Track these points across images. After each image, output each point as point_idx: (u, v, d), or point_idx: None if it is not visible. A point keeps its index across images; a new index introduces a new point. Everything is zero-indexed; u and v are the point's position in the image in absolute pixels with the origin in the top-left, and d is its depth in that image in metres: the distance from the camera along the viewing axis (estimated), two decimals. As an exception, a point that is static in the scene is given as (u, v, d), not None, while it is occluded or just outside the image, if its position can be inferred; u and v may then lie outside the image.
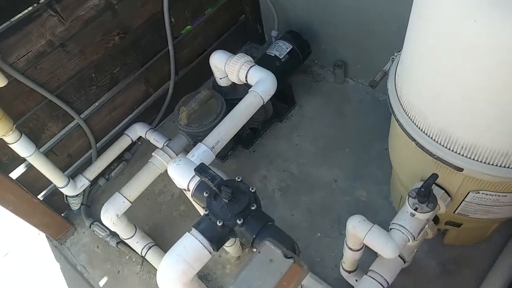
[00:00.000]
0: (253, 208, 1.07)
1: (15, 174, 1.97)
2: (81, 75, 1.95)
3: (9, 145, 1.70)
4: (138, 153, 2.49)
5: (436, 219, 1.72)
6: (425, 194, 1.29)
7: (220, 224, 1.04)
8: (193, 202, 1.46)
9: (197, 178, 1.17)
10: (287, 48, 2.22)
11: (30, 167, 1.98)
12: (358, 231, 1.41)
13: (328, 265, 2.00)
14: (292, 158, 2.35)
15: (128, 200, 1.90)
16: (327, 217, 2.13)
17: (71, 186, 2.07)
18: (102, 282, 2.13)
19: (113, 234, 2.16)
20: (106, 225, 1.91)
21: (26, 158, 1.80)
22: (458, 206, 1.52)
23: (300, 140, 2.41)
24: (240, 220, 1.04)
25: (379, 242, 1.36)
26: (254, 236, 1.07)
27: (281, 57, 2.20)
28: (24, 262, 2.27)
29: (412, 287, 1.85)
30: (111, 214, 1.87)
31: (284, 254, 0.85)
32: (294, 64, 2.29)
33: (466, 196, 1.44)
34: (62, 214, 2.33)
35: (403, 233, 1.36)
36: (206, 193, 1.10)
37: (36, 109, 1.87)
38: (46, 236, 2.32)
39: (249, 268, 0.84)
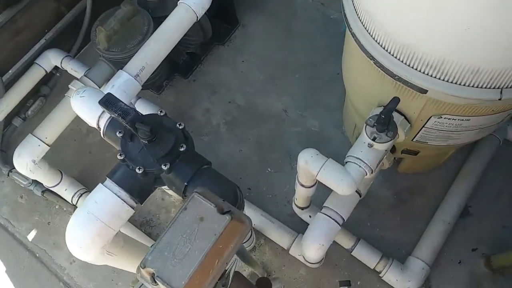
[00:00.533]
0: (182, 149, 0.84)
1: None
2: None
3: None
4: (58, 87, 2.14)
5: (392, 148, 1.59)
6: (385, 122, 1.13)
7: (140, 172, 0.82)
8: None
9: (106, 118, 0.92)
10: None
11: None
12: (311, 166, 1.24)
13: (280, 202, 1.87)
14: (237, 87, 2.11)
15: (45, 143, 1.61)
16: (277, 150, 1.97)
17: (-25, 130, 1.74)
18: (31, 236, 1.89)
19: (37, 182, 1.89)
20: (22, 173, 1.64)
21: None
22: (417, 133, 1.39)
23: (245, 66, 2.15)
24: (165, 165, 0.82)
25: (334, 178, 1.21)
26: (185, 183, 0.86)
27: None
28: None
29: (366, 219, 1.78)
30: (26, 160, 1.59)
31: (219, 208, 0.65)
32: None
33: (427, 121, 1.29)
34: (-26, 162, 2.00)
35: (360, 166, 1.21)
36: (120, 132, 0.86)
37: None
38: (-43, 188, 2.00)
39: (172, 231, 0.64)
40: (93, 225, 0.81)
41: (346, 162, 1.25)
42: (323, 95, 2.05)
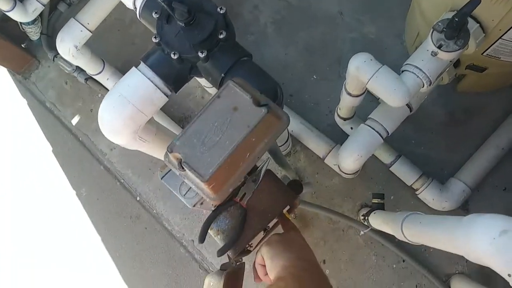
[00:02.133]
0: (221, 36, 0.76)
1: None
2: None
3: None
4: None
5: (456, 63, 1.43)
6: (457, 27, 0.98)
7: (175, 58, 0.76)
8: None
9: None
10: None
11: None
12: (362, 73, 1.13)
13: (322, 111, 1.79)
14: (290, -18, 1.92)
15: (87, 29, 1.57)
16: (326, 56, 1.83)
17: (20, 9, 1.70)
18: (75, 121, 1.96)
19: (81, 70, 1.90)
20: (65, 58, 1.63)
21: None
22: (491, 46, 1.21)
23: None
24: (202, 52, 0.75)
25: (386, 87, 1.10)
26: (223, 74, 0.79)
27: None
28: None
29: (412, 136, 1.68)
30: (68, 45, 1.57)
31: (255, 100, 0.58)
32: None
33: (506, 32, 1.12)
34: (22, 45, 2.02)
35: (418, 76, 1.09)
36: (156, 13, 0.78)
37: None
38: (8, 71, 2.05)
39: (203, 118, 0.59)
40: (125, 109, 0.78)
41: (402, 71, 1.12)
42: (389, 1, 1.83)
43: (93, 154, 1.91)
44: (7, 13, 1.69)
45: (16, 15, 1.72)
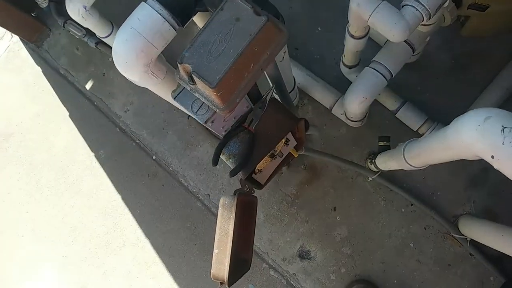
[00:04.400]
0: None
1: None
2: None
3: None
4: None
5: (459, 2, 1.43)
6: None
7: (180, -12, 0.80)
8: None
9: None
10: None
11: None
12: (363, 9, 1.15)
13: (327, 63, 1.81)
14: None
15: (94, -11, 1.61)
16: (330, 9, 1.84)
17: (28, -24, 1.75)
18: (88, 85, 2.02)
19: (91, 34, 1.94)
20: (74, 19, 1.67)
21: None
22: (491, -21, 1.22)
23: None
24: (206, -18, 0.79)
25: (386, 21, 1.13)
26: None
27: None
28: (2, 68, 2.12)
29: (417, 83, 1.70)
30: (78, 5, 1.61)
31: (255, 10, 0.63)
32: None
33: (505, -39, 1.12)
34: (32, 14, 2.07)
35: (417, 9, 1.11)
36: None
37: None
38: (21, 39, 2.11)
39: (209, 30, 0.63)
40: (137, 41, 0.82)
41: (402, 6, 1.14)
42: None
43: (108, 117, 1.98)
44: (16, -20, 1.74)
45: (25, -18, 1.77)
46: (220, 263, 0.84)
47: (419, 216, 1.66)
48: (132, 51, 0.83)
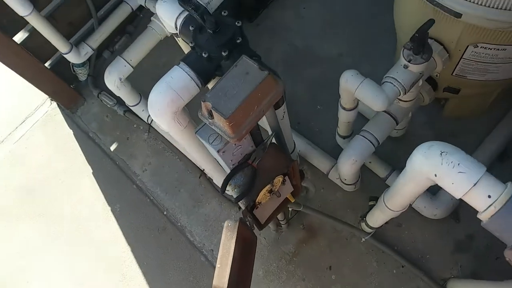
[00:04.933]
0: (238, 41, 1.06)
1: (18, 39, 2.00)
2: None
3: (7, 2, 1.69)
4: (141, 27, 2.45)
5: (434, 85, 1.70)
6: (420, 41, 1.26)
7: (205, 56, 1.06)
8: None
9: (184, 14, 1.16)
10: None
11: (32, 32, 2.00)
12: (350, 84, 1.42)
13: (325, 136, 2.06)
14: (297, 31, 2.29)
15: (129, 64, 1.93)
16: (329, 90, 2.12)
17: (75, 53, 2.10)
18: (113, 147, 2.27)
19: (121, 103, 2.25)
20: (110, 89, 1.97)
21: (26, 18, 1.80)
22: (456, 66, 1.50)
23: (306, 12, 2.32)
24: (225, 52, 1.05)
25: (370, 94, 1.38)
26: (239, 70, 1.08)
27: None
28: (39, 129, 2.40)
29: (403, 155, 1.89)
30: (115, 77, 1.92)
31: (260, 67, 0.87)
32: None
33: (464, 51, 1.40)
34: (71, 86, 2.40)
35: (394, 85, 1.36)
36: (192, 26, 1.10)
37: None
38: (58, 106, 2.42)
39: (225, 79, 0.87)
40: (169, 92, 1.06)
41: (382, 83, 1.40)
42: (378, 43, 2.16)
43: (127, 175, 2.19)
44: (64, 55, 2.09)
45: (71, 57, 2.11)
46: (221, 276, 0.99)
47: (410, 278, 1.76)
48: (164, 100, 1.07)
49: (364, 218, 1.67)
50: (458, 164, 0.75)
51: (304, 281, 1.82)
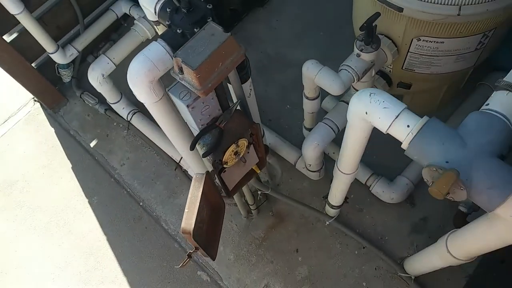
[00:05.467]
0: (209, 20, 1.23)
1: (7, 38, 2.13)
2: None
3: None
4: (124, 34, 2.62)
5: (389, 81, 1.90)
6: (368, 30, 1.45)
7: (179, 32, 1.21)
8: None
9: (161, 1, 1.33)
10: None
11: (22, 33, 2.14)
12: (310, 72, 1.59)
13: (294, 132, 2.22)
14: (269, 41, 2.50)
15: (112, 62, 2.07)
16: (297, 91, 2.30)
17: (61, 53, 2.23)
18: (93, 143, 2.37)
19: (102, 102, 2.37)
20: (93, 84, 2.10)
21: (16, 16, 1.93)
22: (405, 60, 1.70)
23: (278, 24, 2.54)
24: (197, 29, 1.21)
25: (327, 79, 1.55)
26: (209, 45, 1.24)
27: None
28: (22, 127, 2.49)
29: (366, 148, 2.08)
30: (97, 73, 2.06)
31: (223, 30, 1.03)
32: None
33: (410, 45, 1.60)
34: (55, 87, 2.52)
35: (349, 72, 1.54)
36: (169, 8, 1.26)
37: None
38: (41, 105, 2.53)
39: (194, 40, 1.02)
40: (146, 64, 1.20)
41: (339, 70, 1.58)
42: (343, 50, 2.37)
43: (106, 169, 2.28)
44: (51, 55, 2.22)
45: (57, 57, 2.24)
46: (189, 218, 1.11)
47: (371, 258, 1.89)
48: (142, 69, 1.21)
49: (326, 199, 1.81)
50: (383, 101, 0.90)
51: (272, 264, 1.93)
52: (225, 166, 1.27)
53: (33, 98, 2.55)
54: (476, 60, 1.71)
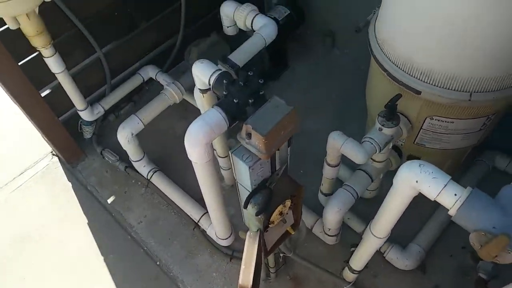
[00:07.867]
0: (261, 93, 1.40)
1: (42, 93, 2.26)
2: (107, 10, 2.26)
3: (45, 59, 1.97)
4: (145, 97, 2.78)
5: (400, 153, 2.09)
6: (391, 111, 1.65)
7: (236, 102, 1.37)
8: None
9: (217, 74, 1.49)
10: (285, 12, 2.59)
11: (56, 89, 2.27)
12: (337, 142, 1.76)
13: (307, 196, 2.31)
14: (283, 111, 2.69)
15: (142, 122, 2.20)
16: (309, 158, 2.47)
17: (89, 111, 2.36)
18: (110, 200, 2.41)
19: (122, 160, 2.46)
20: (121, 142, 2.21)
21: (57, 75, 2.07)
22: (417, 135, 1.89)
23: (290, 96, 2.76)
24: (251, 100, 1.37)
25: (354, 150, 1.71)
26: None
27: (279, 19, 2.56)
28: (38, 180, 2.52)
29: (374, 212, 2.21)
30: (127, 132, 2.18)
31: (287, 103, 1.18)
32: (291, 27, 2.65)
33: (423, 123, 1.81)
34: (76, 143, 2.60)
35: (371, 143, 1.71)
36: (225, 80, 1.42)
37: (67, 35, 2.16)
38: (59, 159, 2.59)
39: (261, 110, 1.17)
40: (205, 127, 1.33)
41: (362, 141, 1.75)
42: (349, 122, 2.59)
43: (123, 226, 2.31)
44: (79, 112, 2.34)
45: (85, 115, 2.37)
46: (246, 275, 1.18)
47: (386, 324, 1.93)
48: (200, 132, 1.34)
49: (348, 263, 1.89)
50: (432, 172, 1.05)
51: (290, 328, 1.94)
52: (270, 225, 1.37)
53: (52, 152, 2.62)
54: (478, 139, 1.92)
